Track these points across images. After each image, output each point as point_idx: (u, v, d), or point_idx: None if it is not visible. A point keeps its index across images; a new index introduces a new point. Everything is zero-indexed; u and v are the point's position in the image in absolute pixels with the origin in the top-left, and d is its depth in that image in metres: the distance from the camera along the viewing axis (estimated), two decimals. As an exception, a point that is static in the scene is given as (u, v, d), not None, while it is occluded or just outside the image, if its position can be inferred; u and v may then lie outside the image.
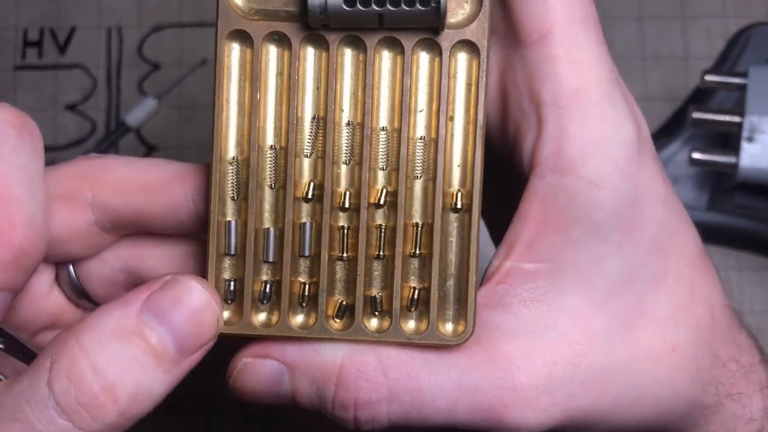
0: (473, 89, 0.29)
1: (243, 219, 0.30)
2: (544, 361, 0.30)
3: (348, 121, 0.29)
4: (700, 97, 0.63)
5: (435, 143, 0.29)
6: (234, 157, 0.29)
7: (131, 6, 0.69)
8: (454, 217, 0.30)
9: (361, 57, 0.29)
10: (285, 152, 0.29)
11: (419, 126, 0.29)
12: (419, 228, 0.30)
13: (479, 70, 0.29)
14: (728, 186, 0.61)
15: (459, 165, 0.29)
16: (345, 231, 0.30)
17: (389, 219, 0.30)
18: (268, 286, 0.30)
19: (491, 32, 0.29)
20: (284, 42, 0.29)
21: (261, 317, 0.30)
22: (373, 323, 0.30)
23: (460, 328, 0.29)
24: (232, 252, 0.30)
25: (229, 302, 0.30)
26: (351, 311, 0.30)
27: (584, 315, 0.30)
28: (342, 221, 0.30)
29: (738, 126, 0.55)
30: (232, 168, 0.29)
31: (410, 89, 0.29)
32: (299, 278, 0.30)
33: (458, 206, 0.29)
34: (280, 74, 0.29)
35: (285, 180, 0.29)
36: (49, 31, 0.69)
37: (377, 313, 0.30)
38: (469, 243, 0.29)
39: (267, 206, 0.30)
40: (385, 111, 0.29)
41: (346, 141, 0.29)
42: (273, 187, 0.30)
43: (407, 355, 0.29)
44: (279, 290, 0.30)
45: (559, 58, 0.29)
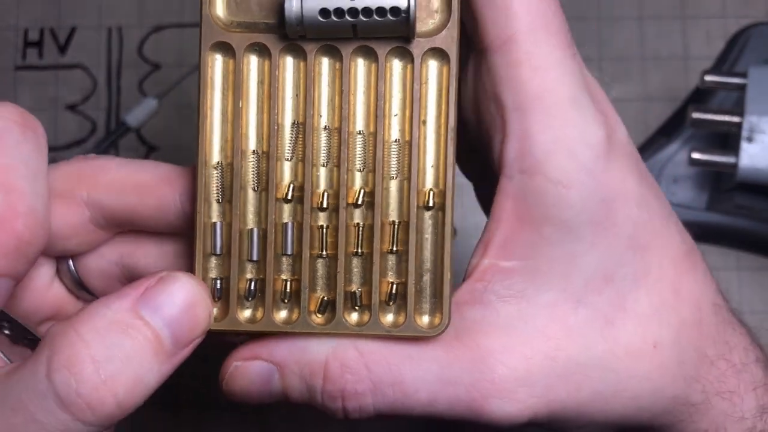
0: (444, 94, 0.31)
1: (228, 220, 0.32)
2: (522, 355, 0.32)
3: (326, 126, 0.32)
4: (700, 97, 0.65)
5: (409, 145, 0.32)
6: (218, 162, 0.32)
7: (131, 6, 0.70)
8: (429, 215, 0.32)
9: (338, 65, 0.32)
10: (267, 156, 0.32)
11: (394, 129, 0.32)
12: (396, 226, 0.32)
13: (449, 76, 0.31)
14: (728, 186, 0.62)
15: (432, 165, 0.32)
16: (325, 230, 0.32)
17: (367, 218, 0.32)
18: (253, 284, 0.32)
19: (461, 40, 0.31)
20: (264, 52, 0.32)
21: (246, 314, 0.32)
22: (354, 317, 0.32)
23: (436, 321, 0.32)
24: (218, 252, 0.32)
25: (216, 300, 0.32)
26: (332, 306, 0.32)
27: (562, 310, 0.32)
28: (322, 221, 0.32)
29: (737, 126, 0.56)
30: (217, 172, 0.32)
31: (384, 95, 0.31)
32: (282, 276, 0.32)
33: (432, 205, 0.32)
34: (261, 83, 0.32)
35: (267, 183, 0.32)
36: (50, 32, 0.70)
37: (357, 308, 0.32)
38: (444, 239, 0.32)
39: (250, 208, 0.32)
40: (361, 116, 0.32)
41: (325, 145, 0.32)
42: (256, 190, 0.32)
43: (388, 350, 0.32)
44: (263, 288, 0.32)
45: (521, 64, 0.31)
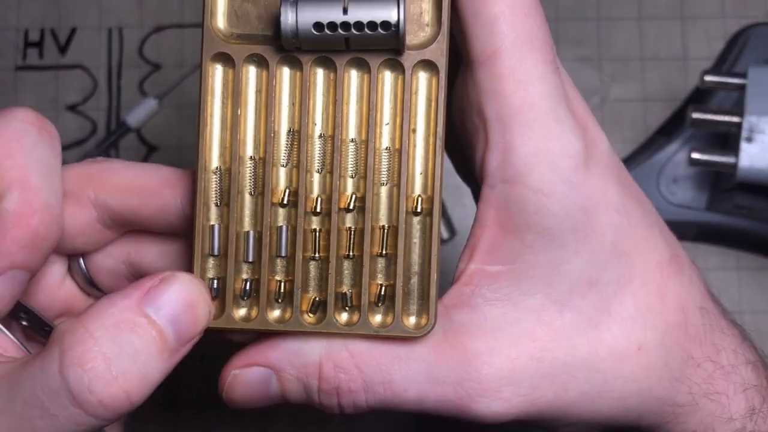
0: (433, 104, 0.34)
1: (225, 223, 0.34)
2: (508, 356, 0.34)
3: (320, 134, 0.34)
4: (700, 98, 0.66)
5: (399, 153, 0.34)
6: (217, 167, 0.34)
7: (132, 7, 0.72)
8: (417, 220, 0.34)
9: (332, 76, 0.34)
10: (263, 162, 0.34)
11: (385, 138, 0.34)
12: (385, 230, 0.34)
13: (438, 87, 0.33)
14: (727, 186, 0.64)
15: (421, 173, 0.34)
16: (318, 233, 0.34)
17: (358, 222, 0.34)
18: (248, 284, 0.35)
19: (450, 52, 0.34)
20: (262, 63, 0.34)
21: (241, 312, 0.35)
22: (344, 317, 0.34)
23: (423, 321, 0.34)
24: (216, 253, 0.35)
25: (213, 299, 0.35)
26: (323, 307, 0.34)
27: (547, 314, 0.34)
28: (315, 224, 0.35)
29: (737, 126, 0.57)
30: (216, 177, 0.34)
31: (376, 105, 0.34)
32: (276, 277, 0.35)
33: (420, 210, 0.34)
34: (259, 92, 0.34)
35: (263, 187, 0.34)
36: (50, 32, 0.71)
37: (347, 308, 0.34)
38: (431, 243, 0.34)
39: (247, 211, 0.35)
40: (354, 124, 0.34)
41: (319, 152, 0.34)
42: (252, 194, 0.35)
43: (378, 350, 0.34)
44: (258, 288, 0.34)
45: (504, 78, 0.33)
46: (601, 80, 0.71)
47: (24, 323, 0.36)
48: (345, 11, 0.32)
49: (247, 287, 0.35)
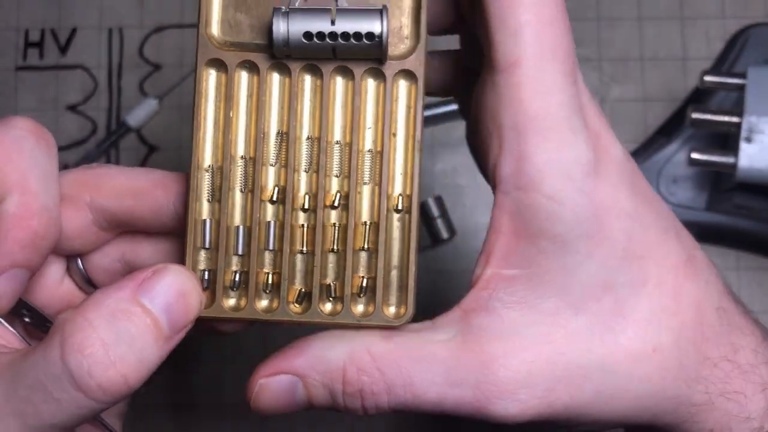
0: (412, 111, 0.38)
1: (216, 218, 0.38)
2: (524, 359, 0.35)
3: (308, 136, 0.38)
4: (699, 98, 0.68)
5: (380, 155, 0.38)
6: (210, 165, 0.38)
7: (132, 7, 0.74)
8: (397, 217, 0.38)
9: (319, 82, 0.38)
10: (253, 161, 0.38)
11: (367, 140, 0.38)
12: (367, 226, 0.38)
13: (417, 95, 0.37)
14: (727, 186, 0.66)
15: (401, 173, 0.38)
16: (304, 229, 0.38)
17: (342, 219, 0.38)
18: (238, 276, 0.38)
19: (427, 63, 0.37)
20: (254, 69, 0.38)
21: (231, 302, 0.38)
22: (328, 307, 0.38)
23: (402, 311, 0.38)
24: (207, 246, 0.38)
25: (204, 289, 0.38)
26: (309, 297, 0.38)
27: (562, 317, 0.36)
28: (302, 220, 0.38)
29: (737, 126, 0.59)
30: (208, 174, 0.38)
31: (360, 110, 0.38)
32: (264, 269, 0.39)
33: (400, 208, 0.38)
34: (250, 96, 0.38)
35: (253, 185, 0.38)
36: (51, 32, 0.74)
37: (331, 299, 0.38)
38: (410, 239, 0.38)
39: (237, 207, 0.39)
40: (339, 127, 0.38)
41: (306, 152, 0.38)
42: (243, 191, 0.38)
43: (399, 354, 0.36)
44: (247, 279, 0.38)
45: (522, 86, 0.34)
46: (601, 80, 0.73)
47: (26, 320, 0.39)
48: (333, 22, 0.36)
49: (237, 279, 0.38)
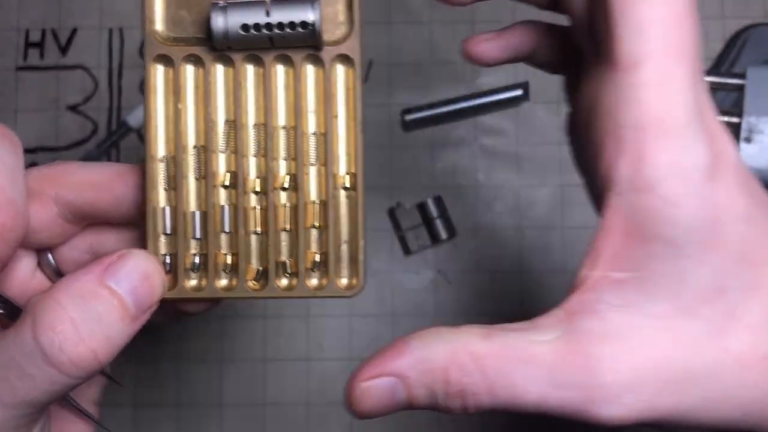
0: (351, 92, 0.41)
1: (174, 205, 0.41)
2: (631, 362, 0.35)
3: (254, 123, 0.41)
4: None
5: (324, 137, 0.41)
6: (164, 156, 0.41)
7: (133, 7, 0.75)
8: (344, 195, 0.42)
9: (261, 71, 0.41)
10: (205, 150, 0.41)
11: (311, 123, 0.41)
12: (316, 205, 0.41)
13: (354, 77, 0.41)
14: None
15: (345, 153, 0.41)
16: (257, 210, 0.42)
17: (292, 199, 0.41)
18: (198, 258, 0.42)
19: (363, 46, 0.41)
20: (199, 62, 0.41)
21: (193, 283, 0.42)
22: (284, 282, 0.42)
23: (354, 282, 0.41)
24: (167, 232, 0.41)
25: (167, 273, 0.42)
26: (266, 275, 0.41)
27: (672, 321, 0.35)
28: (254, 203, 0.42)
29: (736, 127, 0.60)
30: (163, 164, 0.41)
31: (301, 95, 0.41)
32: (222, 251, 0.42)
33: (347, 186, 0.41)
34: (197, 88, 0.41)
35: (206, 172, 0.41)
36: (51, 32, 0.75)
37: (287, 275, 0.42)
38: (357, 214, 0.41)
39: (192, 194, 0.42)
40: (283, 113, 0.41)
41: (254, 138, 0.41)
42: (197, 178, 0.42)
43: (500, 354, 0.37)
44: (206, 261, 0.41)
45: (647, 86, 0.34)
46: None
47: (1, 311, 0.42)
48: (268, 14, 0.39)
49: (197, 261, 0.42)
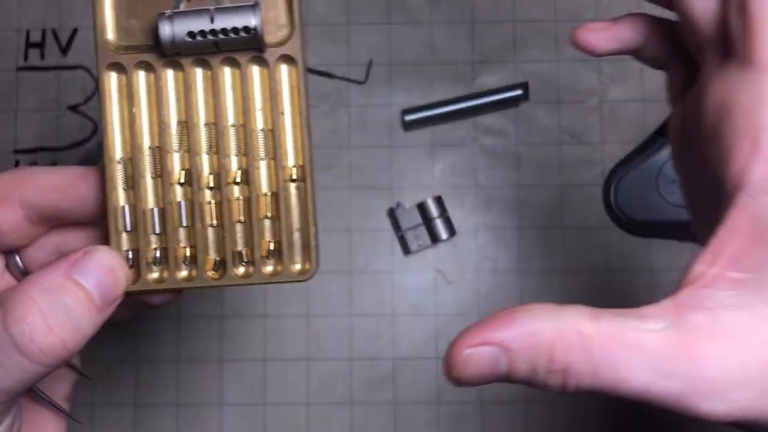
0: (295, 90, 0.44)
1: (133, 203, 0.44)
2: (740, 360, 0.35)
3: (205, 122, 0.44)
4: None
5: (272, 133, 0.44)
6: (121, 157, 0.44)
7: None
8: (294, 186, 0.45)
9: (209, 74, 0.44)
10: (160, 150, 0.44)
11: (259, 121, 0.45)
12: (268, 197, 0.45)
13: (298, 76, 0.44)
14: None
15: (293, 147, 0.45)
16: (212, 205, 0.45)
17: (245, 192, 0.45)
18: (158, 252, 0.45)
19: (304, 46, 0.44)
20: (150, 68, 0.44)
21: (155, 276, 0.45)
22: (241, 271, 0.45)
23: (307, 267, 0.45)
24: (128, 229, 0.45)
25: (130, 267, 0.45)
26: (223, 264, 0.45)
27: None
28: (209, 198, 0.45)
29: None
30: (121, 166, 0.44)
31: (248, 94, 0.44)
32: (181, 244, 0.45)
33: (295, 177, 0.45)
34: (149, 92, 0.44)
35: (162, 171, 0.44)
36: (52, 33, 0.76)
37: (244, 264, 0.45)
38: (307, 204, 0.45)
39: (150, 192, 0.45)
40: (232, 112, 0.45)
41: (205, 137, 0.45)
42: (153, 177, 0.45)
43: (608, 337, 0.37)
44: (167, 255, 0.45)
45: None
46: (600, 80, 0.75)
47: None
48: (212, 20, 0.42)
49: (158, 255, 0.45)
